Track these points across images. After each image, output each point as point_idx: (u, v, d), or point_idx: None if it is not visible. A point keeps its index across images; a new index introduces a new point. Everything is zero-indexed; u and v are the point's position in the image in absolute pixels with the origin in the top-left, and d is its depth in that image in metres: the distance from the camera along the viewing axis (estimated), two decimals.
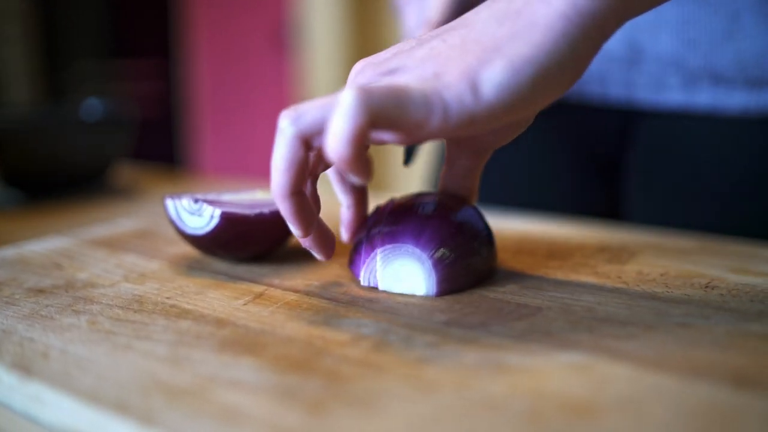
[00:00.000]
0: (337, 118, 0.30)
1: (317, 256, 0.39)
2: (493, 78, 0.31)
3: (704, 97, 0.58)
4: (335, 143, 0.30)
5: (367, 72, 0.35)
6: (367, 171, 0.31)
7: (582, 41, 0.32)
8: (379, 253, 0.39)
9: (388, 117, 0.30)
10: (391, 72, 0.34)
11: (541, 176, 0.70)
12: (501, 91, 0.31)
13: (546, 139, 0.68)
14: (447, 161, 0.42)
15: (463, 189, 0.42)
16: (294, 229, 0.37)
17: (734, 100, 0.57)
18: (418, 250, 0.38)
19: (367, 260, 0.40)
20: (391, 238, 0.39)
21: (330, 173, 0.42)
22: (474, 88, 0.31)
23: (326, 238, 0.39)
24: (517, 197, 0.70)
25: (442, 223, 0.39)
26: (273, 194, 0.35)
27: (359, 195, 0.42)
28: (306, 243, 0.38)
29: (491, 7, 0.34)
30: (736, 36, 0.55)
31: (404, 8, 0.65)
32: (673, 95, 0.59)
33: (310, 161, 0.36)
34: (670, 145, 0.61)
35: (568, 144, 0.68)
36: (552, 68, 0.31)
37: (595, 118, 0.66)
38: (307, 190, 0.38)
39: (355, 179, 0.32)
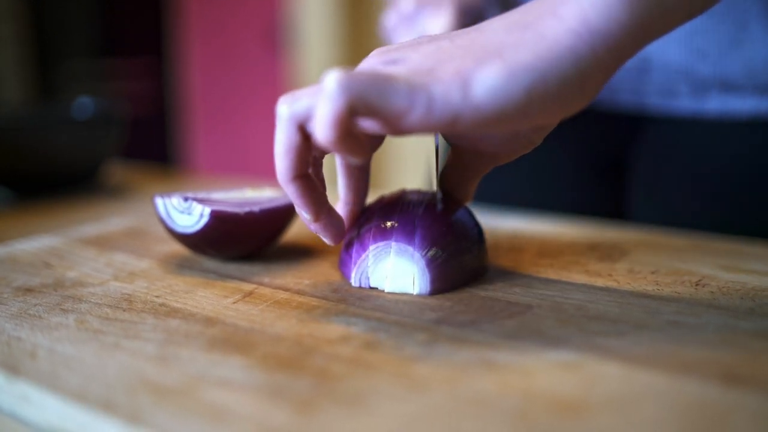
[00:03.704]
0: (320, 102, 0.30)
1: (326, 240, 0.39)
2: (486, 79, 0.31)
3: (714, 104, 0.58)
4: (319, 126, 0.30)
5: (372, 59, 0.35)
6: (357, 152, 0.32)
7: (590, 60, 0.31)
8: (371, 251, 0.39)
9: (369, 103, 0.30)
10: (393, 62, 0.34)
11: (546, 177, 0.70)
12: (492, 94, 0.31)
13: (553, 141, 0.68)
14: (448, 163, 0.41)
15: (458, 193, 0.42)
16: (303, 213, 0.37)
17: (744, 106, 0.57)
18: (410, 249, 0.38)
19: (359, 260, 0.39)
20: (384, 236, 0.39)
21: (338, 165, 0.42)
22: (465, 86, 0.31)
23: (335, 222, 0.39)
24: (522, 197, 0.70)
25: (435, 222, 0.39)
26: (278, 179, 0.35)
27: (359, 193, 0.42)
28: (313, 227, 0.38)
29: (506, 18, 0.34)
30: (745, 44, 0.54)
31: (396, 35, 0.65)
32: (682, 102, 0.59)
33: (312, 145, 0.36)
34: (678, 148, 0.61)
35: (576, 146, 0.68)
36: (552, 81, 0.31)
37: (604, 123, 0.66)
38: (312, 173, 0.38)
39: (351, 160, 0.32)
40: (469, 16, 0.58)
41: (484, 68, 0.31)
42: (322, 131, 0.30)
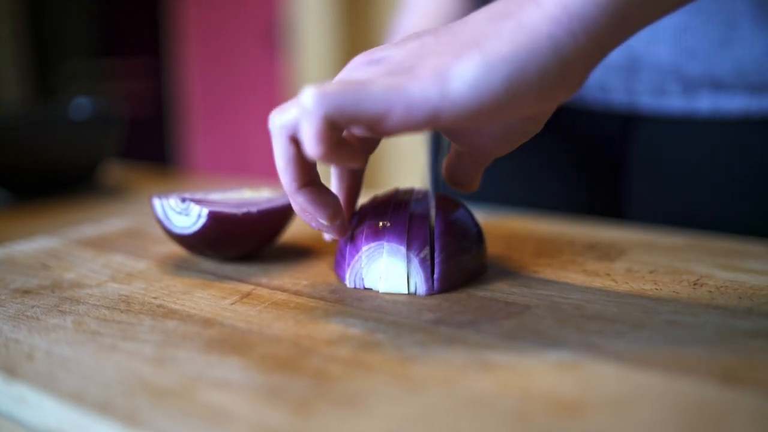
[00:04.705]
0: (301, 121, 0.31)
1: (332, 234, 0.39)
2: (464, 73, 0.30)
3: (705, 103, 0.58)
4: (306, 145, 0.31)
5: (357, 59, 0.36)
6: (351, 159, 0.32)
7: (570, 46, 0.31)
8: (364, 252, 0.39)
9: (346, 113, 0.31)
10: (376, 62, 0.34)
11: (542, 177, 0.70)
12: (470, 88, 0.30)
13: (546, 140, 0.68)
14: (450, 156, 0.41)
15: (461, 184, 0.41)
16: (320, 218, 0.36)
17: (735, 104, 0.57)
18: (403, 249, 0.38)
19: (352, 261, 0.39)
20: (376, 236, 0.39)
21: (332, 167, 0.42)
22: (442, 82, 0.30)
23: (345, 219, 0.39)
24: (519, 197, 0.70)
25: (428, 222, 0.39)
26: (285, 192, 0.36)
27: (352, 194, 0.42)
28: (323, 227, 0.38)
29: (489, 9, 0.34)
30: (734, 43, 0.54)
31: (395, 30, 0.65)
32: (673, 101, 0.59)
33: None
34: (671, 147, 0.61)
35: (569, 146, 0.68)
36: (531, 71, 0.30)
37: (597, 122, 0.66)
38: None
39: (349, 167, 0.32)
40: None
41: (462, 62, 0.31)
42: (310, 148, 0.31)
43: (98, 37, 3.22)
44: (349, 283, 0.40)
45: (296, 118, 0.33)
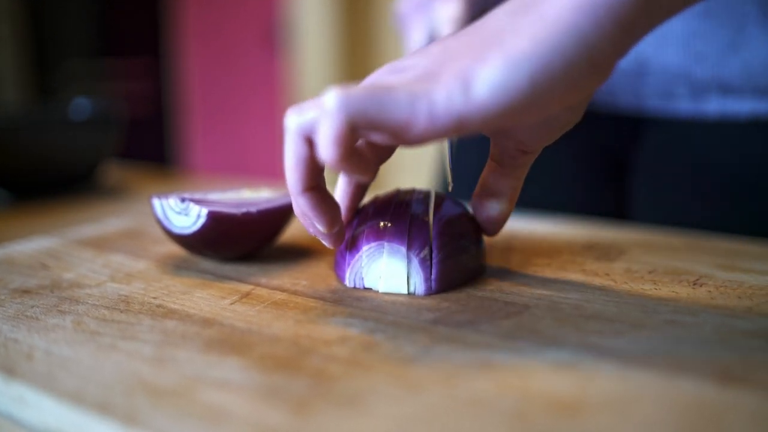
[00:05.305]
0: (321, 122, 0.30)
1: (327, 243, 0.38)
2: (487, 76, 0.30)
3: (713, 106, 0.58)
4: (322, 146, 0.30)
5: (381, 70, 0.35)
6: (362, 170, 0.31)
7: (596, 35, 0.29)
8: (365, 252, 0.39)
9: (369, 118, 0.30)
10: (401, 70, 0.33)
11: (546, 178, 0.70)
12: (494, 91, 0.29)
13: (553, 143, 0.68)
14: (490, 159, 0.40)
15: (504, 189, 0.40)
16: (318, 224, 0.36)
17: (743, 108, 0.57)
18: (403, 249, 0.38)
19: (352, 261, 0.39)
20: (377, 236, 0.39)
21: None
22: (466, 86, 0.30)
23: (342, 228, 0.38)
24: (521, 198, 0.70)
25: (429, 222, 0.39)
26: (289, 192, 0.35)
27: (356, 198, 0.42)
28: (320, 234, 0.38)
29: (510, 3, 0.32)
30: (743, 47, 0.54)
31: (408, 21, 0.65)
32: (681, 104, 0.59)
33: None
34: (678, 150, 0.61)
35: (576, 148, 0.68)
36: (557, 66, 0.29)
37: (604, 125, 0.66)
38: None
39: (357, 179, 0.32)
40: (477, 3, 0.58)
41: (485, 64, 0.30)
42: (325, 150, 0.30)
43: (98, 37, 3.22)
44: (348, 282, 0.40)
45: (315, 118, 0.32)
